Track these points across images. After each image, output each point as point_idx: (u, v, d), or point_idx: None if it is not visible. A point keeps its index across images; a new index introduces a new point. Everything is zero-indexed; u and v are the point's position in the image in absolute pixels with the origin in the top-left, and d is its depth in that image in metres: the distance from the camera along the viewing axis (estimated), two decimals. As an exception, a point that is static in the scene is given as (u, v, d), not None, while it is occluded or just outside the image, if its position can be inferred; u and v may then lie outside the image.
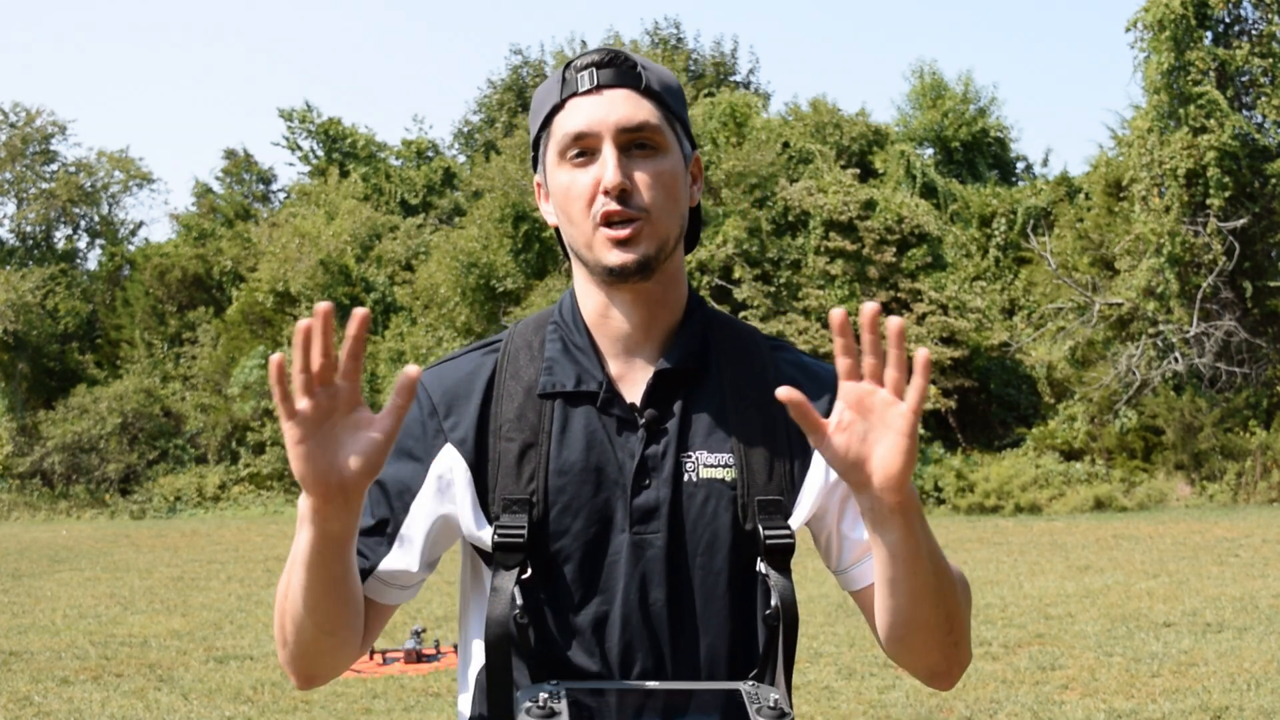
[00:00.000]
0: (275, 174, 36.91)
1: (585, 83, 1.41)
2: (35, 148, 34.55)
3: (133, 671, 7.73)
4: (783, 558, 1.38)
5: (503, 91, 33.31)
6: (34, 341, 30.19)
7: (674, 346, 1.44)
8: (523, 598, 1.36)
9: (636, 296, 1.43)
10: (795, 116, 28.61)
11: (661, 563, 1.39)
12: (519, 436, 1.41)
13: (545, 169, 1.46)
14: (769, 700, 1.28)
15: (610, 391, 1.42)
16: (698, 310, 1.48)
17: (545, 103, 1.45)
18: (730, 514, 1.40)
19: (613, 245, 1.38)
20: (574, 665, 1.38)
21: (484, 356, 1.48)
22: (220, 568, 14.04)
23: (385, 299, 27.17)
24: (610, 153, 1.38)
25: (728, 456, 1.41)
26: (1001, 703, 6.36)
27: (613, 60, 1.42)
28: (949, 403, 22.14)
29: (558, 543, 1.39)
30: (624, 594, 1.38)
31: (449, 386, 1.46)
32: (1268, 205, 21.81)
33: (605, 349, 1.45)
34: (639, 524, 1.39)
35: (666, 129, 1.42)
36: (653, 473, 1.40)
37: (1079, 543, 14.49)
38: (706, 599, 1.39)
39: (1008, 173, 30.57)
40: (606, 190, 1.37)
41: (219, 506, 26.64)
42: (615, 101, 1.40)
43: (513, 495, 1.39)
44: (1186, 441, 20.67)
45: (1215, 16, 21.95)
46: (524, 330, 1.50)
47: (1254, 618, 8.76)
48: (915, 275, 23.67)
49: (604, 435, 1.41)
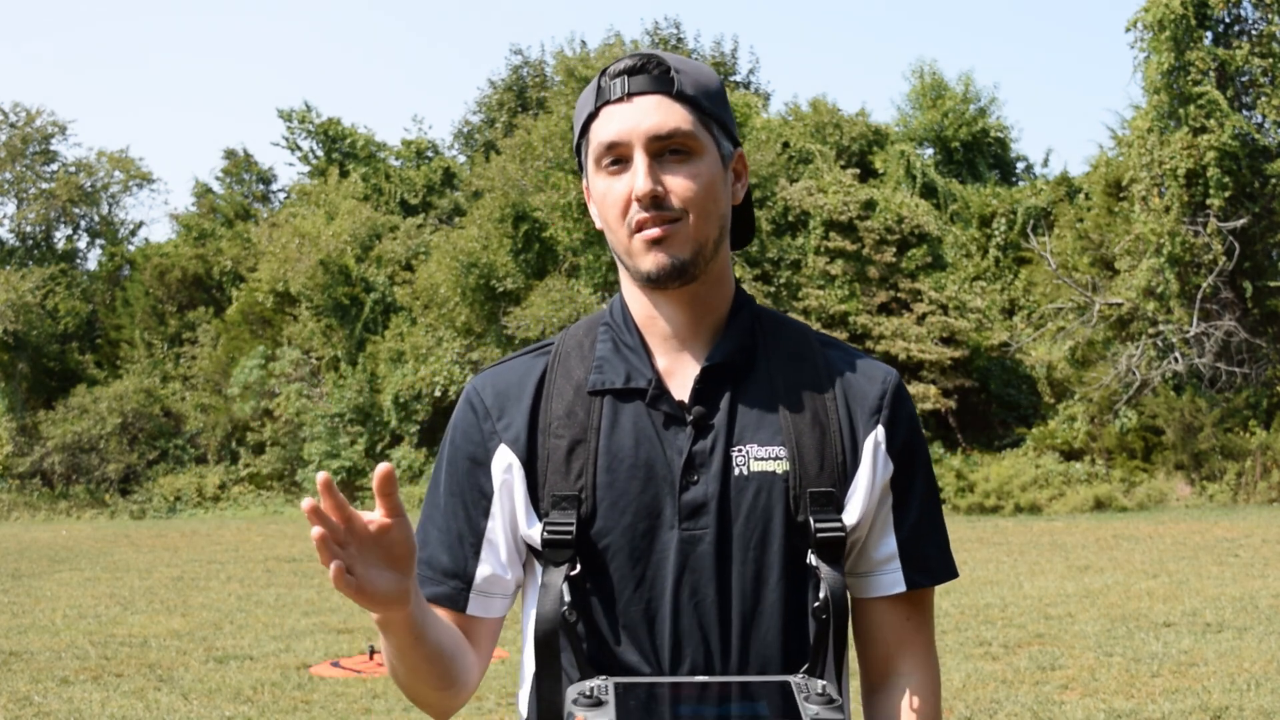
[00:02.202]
0: (275, 174, 36.94)
1: (617, 90, 1.41)
2: (35, 148, 34.54)
3: (133, 671, 7.73)
4: (834, 550, 1.38)
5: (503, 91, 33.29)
6: (34, 341, 30.19)
7: (721, 342, 1.45)
8: (571, 594, 1.37)
9: (681, 299, 1.44)
10: (795, 116, 28.60)
11: (711, 558, 1.39)
12: (568, 433, 1.42)
13: (587, 175, 1.48)
14: (817, 689, 1.28)
15: (659, 388, 1.43)
16: (745, 306, 1.49)
17: (583, 111, 1.46)
18: (783, 505, 1.39)
19: (648, 248, 1.39)
20: (623, 661, 1.39)
21: (535, 359, 1.50)
22: (220, 568, 14.05)
23: (385, 299, 27.16)
24: (641, 161, 1.39)
25: (779, 449, 1.41)
26: (1001, 703, 6.36)
27: (644, 66, 1.42)
28: (949, 403, 22.14)
29: (606, 539, 1.40)
30: (673, 590, 1.38)
31: (500, 389, 1.48)
32: (1268, 205, 21.81)
33: (655, 347, 1.46)
34: (687, 520, 1.39)
35: (701, 132, 1.42)
36: (700, 469, 1.40)
37: (1079, 543, 14.49)
38: (757, 593, 1.39)
39: (1008, 173, 30.56)
40: (638, 199, 1.38)
41: (219, 506, 26.64)
42: (646, 109, 1.40)
43: (562, 492, 1.41)
44: (1186, 441, 20.67)
45: (1215, 16, 21.95)
46: (575, 332, 1.51)
47: (1254, 618, 8.76)
48: (915, 275, 23.67)
49: (652, 432, 1.42)
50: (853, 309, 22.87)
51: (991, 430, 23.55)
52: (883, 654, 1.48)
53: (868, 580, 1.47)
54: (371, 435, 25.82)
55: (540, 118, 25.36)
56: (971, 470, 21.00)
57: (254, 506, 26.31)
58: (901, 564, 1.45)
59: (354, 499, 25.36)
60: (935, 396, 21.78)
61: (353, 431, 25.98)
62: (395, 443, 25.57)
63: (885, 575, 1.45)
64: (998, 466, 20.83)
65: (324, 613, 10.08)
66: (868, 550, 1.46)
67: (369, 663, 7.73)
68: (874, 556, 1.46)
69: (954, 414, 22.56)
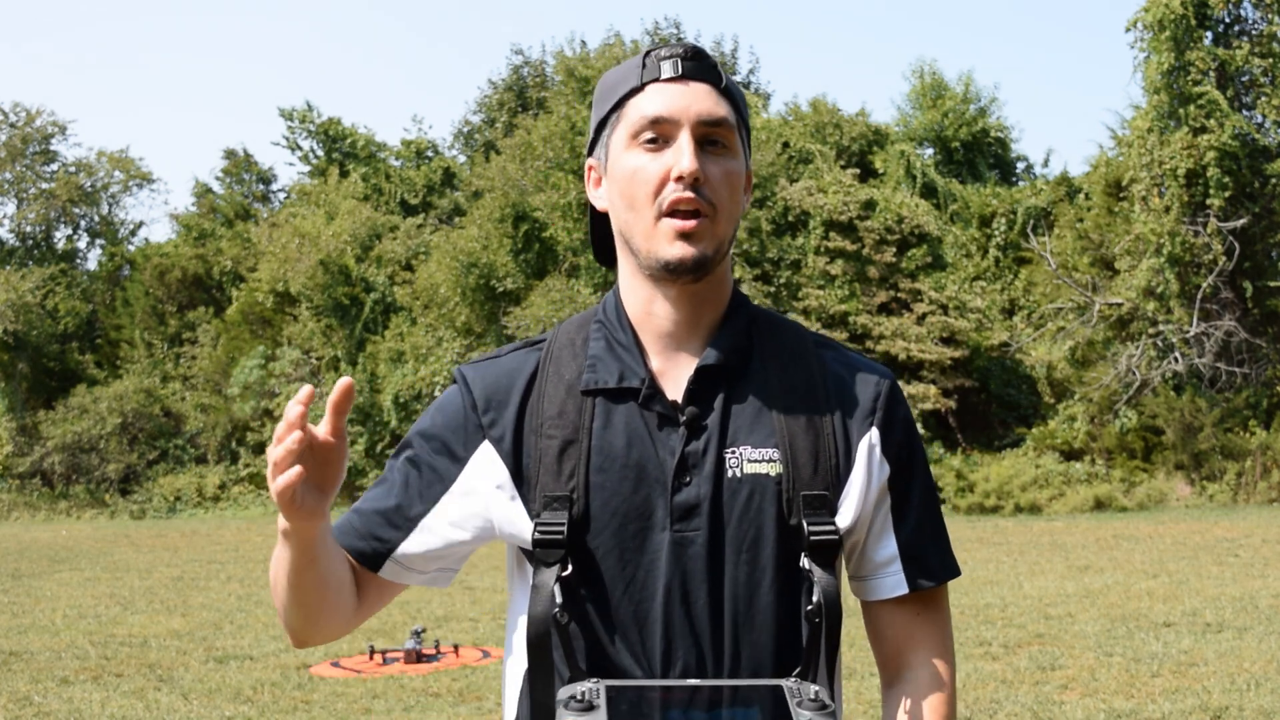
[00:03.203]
0: (275, 174, 36.95)
1: (669, 70, 1.40)
2: (35, 148, 34.55)
3: (133, 671, 7.73)
4: (827, 554, 1.38)
5: (503, 91, 33.30)
6: (34, 341, 30.20)
7: (716, 342, 1.44)
8: (563, 595, 1.36)
9: (682, 294, 1.43)
10: (795, 116, 28.61)
11: (703, 560, 1.38)
12: (559, 433, 1.41)
13: (608, 151, 1.45)
14: (809, 694, 1.27)
15: (652, 388, 1.42)
16: (742, 306, 1.48)
17: (621, 85, 1.44)
18: (775, 509, 1.38)
19: (675, 237, 1.38)
20: (615, 662, 1.38)
21: (527, 354, 1.48)
22: (220, 568, 14.05)
23: (385, 299, 27.17)
24: (688, 141, 1.38)
25: (773, 451, 1.40)
26: (1001, 703, 6.36)
27: (698, 54, 1.41)
28: (949, 403, 22.14)
29: (597, 540, 1.38)
30: (665, 592, 1.38)
31: (490, 384, 1.46)
32: (1268, 205, 21.81)
33: (649, 345, 1.44)
34: (679, 521, 1.38)
35: (738, 132, 1.43)
36: (693, 470, 1.39)
37: (1079, 543, 14.49)
38: (749, 596, 1.39)
39: (1008, 173, 30.57)
40: (680, 176, 1.37)
41: (219, 506, 26.65)
42: (699, 94, 1.40)
43: (553, 492, 1.39)
44: (1186, 441, 20.67)
45: (1215, 16, 21.95)
46: (568, 328, 1.50)
47: (1254, 618, 8.75)
48: (915, 275, 23.68)
49: (645, 432, 1.40)
50: (853, 309, 22.88)
51: (991, 430, 23.55)
52: (894, 651, 1.48)
53: (871, 583, 1.47)
54: (371, 435, 25.83)
55: (540, 118, 25.36)
56: (971, 470, 21.00)
57: (254, 506, 26.32)
58: (903, 566, 1.45)
59: (353, 499, 25.37)
60: (935, 396, 21.78)
61: (353, 431, 25.99)
62: (395, 442, 25.58)
63: (888, 578, 1.45)
64: (998, 466, 20.83)
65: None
66: (868, 553, 1.46)
67: (369, 663, 7.73)
68: (875, 559, 1.45)
69: (954, 414, 22.56)
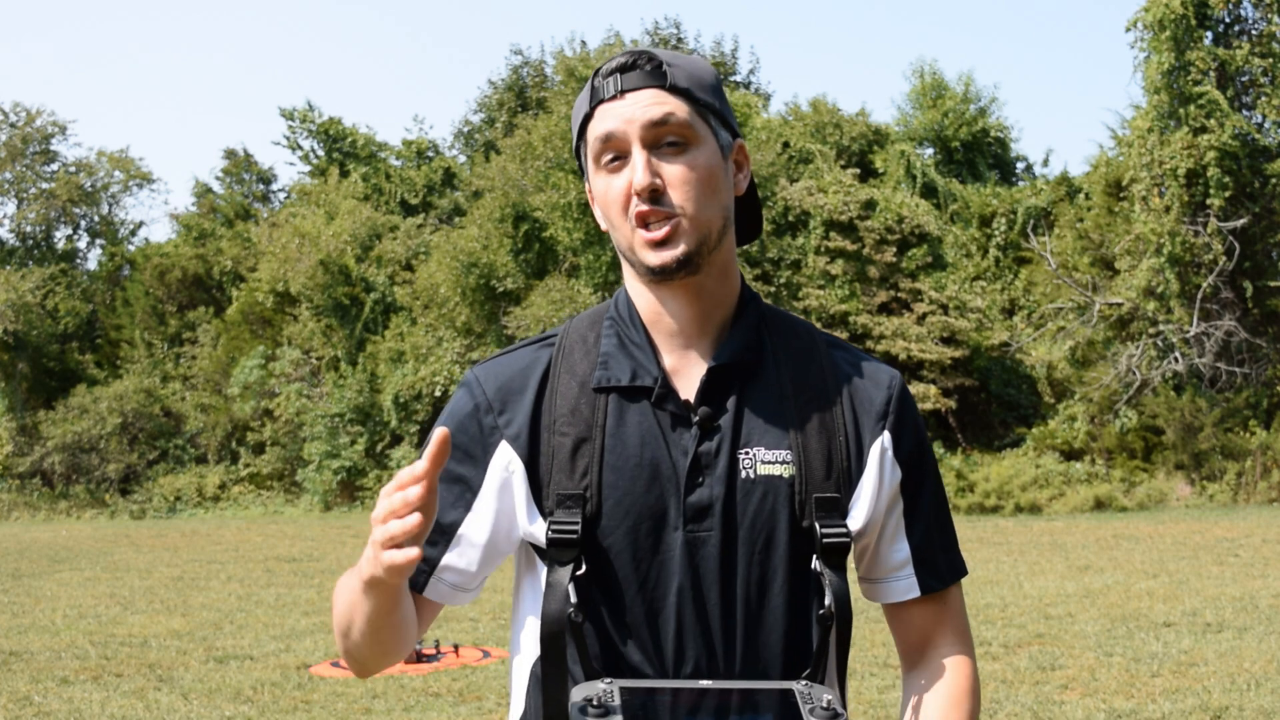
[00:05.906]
0: (275, 174, 36.92)
1: (610, 89, 1.41)
2: (35, 148, 34.55)
3: (133, 671, 7.73)
4: (838, 556, 1.38)
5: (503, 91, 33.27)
6: (34, 341, 30.20)
7: (728, 342, 1.44)
8: (577, 594, 1.36)
9: (687, 292, 1.43)
10: (795, 116, 28.60)
11: (715, 561, 1.38)
12: (573, 431, 1.41)
13: (588, 176, 1.47)
14: (822, 700, 1.27)
15: (665, 387, 1.41)
16: (751, 304, 1.48)
17: (579, 113, 1.46)
18: (788, 511, 1.39)
19: (651, 247, 1.39)
20: (627, 662, 1.38)
21: (539, 351, 1.48)
22: (220, 568, 14.04)
23: (385, 299, 27.17)
24: (639, 154, 1.38)
25: (786, 453, 1.40)
26: (1001, 703, 6.35)
27: (635, 63, 1.41)
28: (949, 403, 22.14)
29: (610, 539, 1.38)
30: (677, 592, 1.38)
31: (503, 382, 1.46)
32: (1268, 205, 21.80)
33: (661, 344, 1.45)
34: (692, 522, 1.38)
35: (697, 122, 1.41)
36: (706, 470, 1.39)
37: (1079, 543, 14.49)
38: (761, 597, 1.39)
39: (1008, 173, 30.56)
40: (637, 192, 1.38)
41: (219, 506, 26.65)
42: (641, 102, 1.39)
43: (566, 490, 1.39)
44: (1186, 441, 20.67)
45: (1215, 16, 21.95)
46: (579, 325, 1.49)
47: (1254, 618, 8.75)
48: (915, 275, 23.68)
49: (658, 431, 1.40)
50: (853, 309, 22.88)
51: (991, 430, 23.55)
52: (911, 646, 1.50)
53: (883, 586, 1.48)
54: (372, 435, 25.82)
55: (540, 118, 25.35)
56: (971, 470, 21.00)
57: (254, 506, 26.32)
58: (915, 569, 1.46)
59: (354, 499, 25.38)
60: (935, 396, 21.78)
61: (353, 431, 25.98)
62: (395, 443, 25.57)
63: (900, 581, 1.46)
64: (998, 466, 20.82)
65: (324, 613, 10.07)
66: (881, 556, 1.47)
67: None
68: (888, 563, 1.46)
69: (954, 414, 22.56)
